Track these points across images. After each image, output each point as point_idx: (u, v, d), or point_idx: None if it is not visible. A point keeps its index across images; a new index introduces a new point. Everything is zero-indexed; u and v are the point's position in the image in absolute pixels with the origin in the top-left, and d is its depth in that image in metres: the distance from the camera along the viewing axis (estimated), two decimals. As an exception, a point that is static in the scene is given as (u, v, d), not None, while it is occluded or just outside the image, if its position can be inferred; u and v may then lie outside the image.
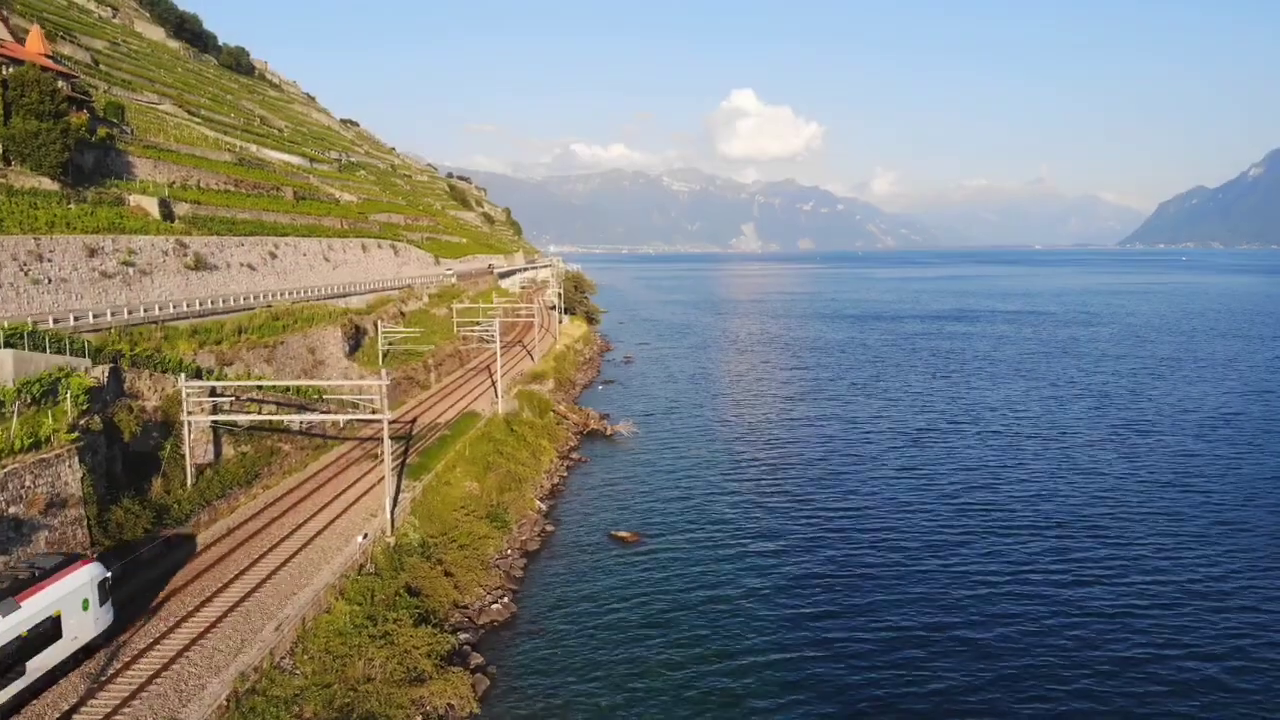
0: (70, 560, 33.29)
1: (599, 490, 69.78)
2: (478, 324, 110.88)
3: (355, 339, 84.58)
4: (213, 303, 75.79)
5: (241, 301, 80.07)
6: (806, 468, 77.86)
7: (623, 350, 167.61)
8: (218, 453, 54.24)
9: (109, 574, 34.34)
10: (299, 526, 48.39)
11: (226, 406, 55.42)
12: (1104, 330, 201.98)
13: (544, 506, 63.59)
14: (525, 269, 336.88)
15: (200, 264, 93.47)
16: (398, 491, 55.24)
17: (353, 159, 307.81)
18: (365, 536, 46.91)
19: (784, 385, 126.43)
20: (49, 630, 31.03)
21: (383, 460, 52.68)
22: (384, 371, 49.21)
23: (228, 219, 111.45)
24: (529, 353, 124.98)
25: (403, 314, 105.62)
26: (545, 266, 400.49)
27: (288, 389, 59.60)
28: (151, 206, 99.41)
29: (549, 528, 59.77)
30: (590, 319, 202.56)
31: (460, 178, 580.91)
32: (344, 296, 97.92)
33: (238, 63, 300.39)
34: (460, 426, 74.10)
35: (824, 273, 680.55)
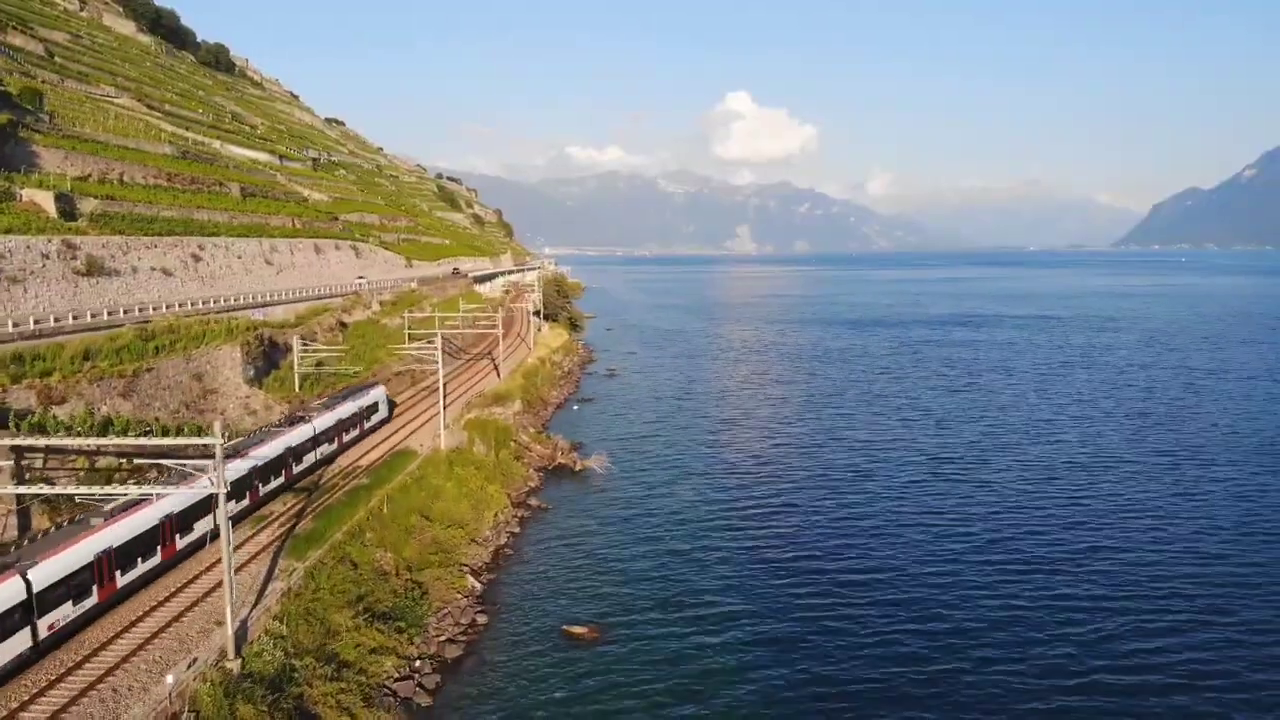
0: None
1: (555, 556, 55.23)
2: (429, 337, 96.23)
3: (268, 359, 70.07)
4: (93, 315, 61.36)
5: (122, 314, 65.37)
6: (809, 517, 63.50)
7: (607, 361, 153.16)
8: (23, 530, 39.85)
9: None
10: (98, 649, 33.71)
11: (39, 467, 41.09)
12: (1121, 336, 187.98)
13: (478, 585, 48.89)
14: (510, 272, 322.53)
15: (95, 269, 78.78)
16: (265, 582, 40.77)
17: (334, 158, 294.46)
18: (193, 663, 32.56)
19: (781, 403, 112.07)
20: None
21: (242, 538, 38.34)
22: (220, 427, 32.24)
23: (147, 217, 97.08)
24: (496, 367, 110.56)
25: (343, 325, 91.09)
26: (534, 269, 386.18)
27: (118, 428, 44.71)
28: (47, 202, 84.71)
29: (480, 618, 45.21)
30: (574, 326, 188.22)
31: (451, 179, 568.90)
32: (266, 306, 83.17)
33: (217, 60, 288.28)
34: (385, 471, 59.51)
35: (820, 275, 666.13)
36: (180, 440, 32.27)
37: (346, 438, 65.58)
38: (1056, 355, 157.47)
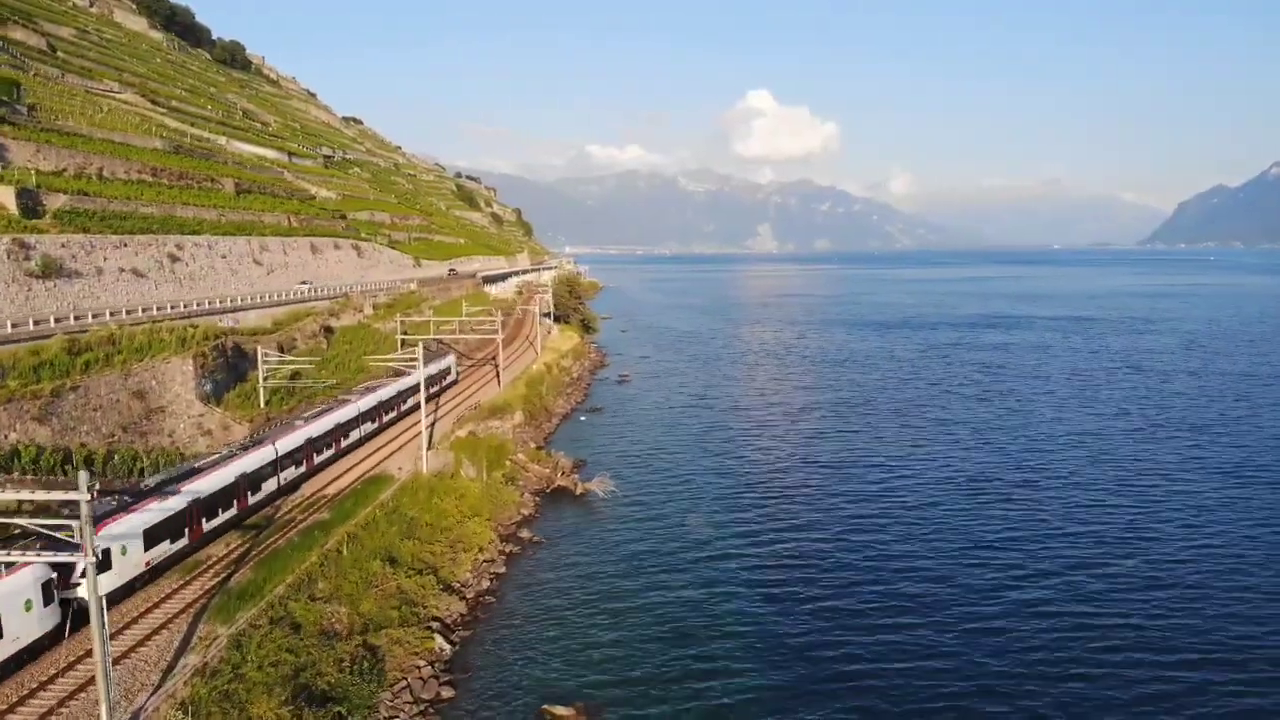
0: None
1: (544, 606, 47.45)
2: (424, 343, 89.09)
3: (232, 371, 62.88)
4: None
5: (53, 323, 58.24)
6: (841, 556, 55.54)
7: (619, 366, 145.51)
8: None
9: None
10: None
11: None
12: (1161, 339, 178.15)
13: (448, 646, 41.24)
14: (525, 271, 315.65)
15: (52, 270, 71.90)
16: (177, 656, 33.33)
17: (349, 156, 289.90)
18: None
19: (803, 414, 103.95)
20: None
21: (166, 591, 30.81)
22: (84, 480, 26.37)
23: (121, 214, 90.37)
24: (499, 374, 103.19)
25: (329, 331, 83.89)
26: (550, 269, 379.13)
27: (25, 460, 37.50)
28: (7, 197, 78.19)
29: (445, 691, 37.43)
30: (587, 327, 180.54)
31: (470, 178, 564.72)
32: (237, 310, 76.05)
33: (232, 57, 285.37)
34: (351, 503, 52.07)
35: (842, 274, 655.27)
36: (40, 495, 24.80)
37: (318, 459, 58.49)
38: (1095, 360, 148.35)
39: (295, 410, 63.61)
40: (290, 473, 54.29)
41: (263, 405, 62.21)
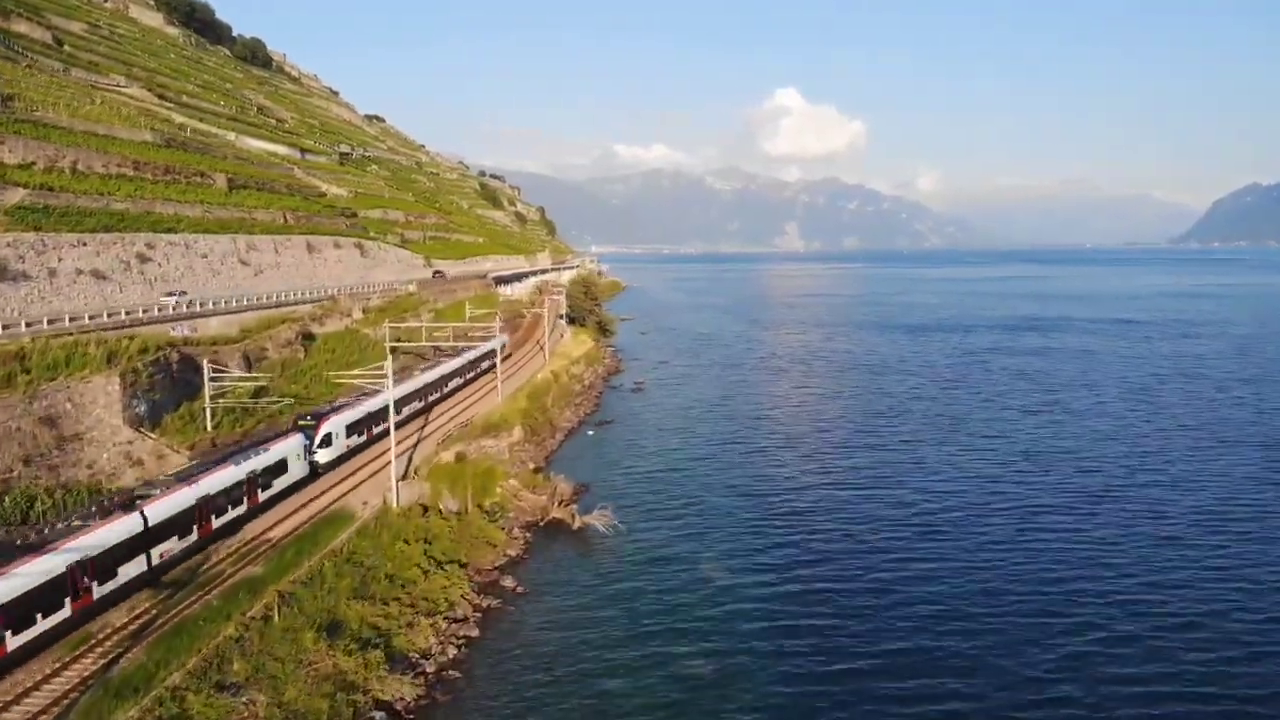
0: None
1: (516, 688, 38.53)
2: (418, 350, 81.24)
3: (177, 390, 55.00)
4: None
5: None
6: (876, 604, 46.81)
7: (635, 372, 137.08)
8: None
9: None
10: None
11: None
12: (1212, 344, 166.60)
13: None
14: (544, 271, 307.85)
15: (-2, 272, 64.88)
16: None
17: (369, 154, 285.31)
18: None
19: (832, 428, 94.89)
20: None
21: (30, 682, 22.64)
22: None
23: (86, 210, 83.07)
24: (499, 385, 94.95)
25: (308, 338, 76.01)
26: (571, 268, 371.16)
27: None
28: (-50, 193, 71.44)
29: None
30: (603, 330, 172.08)
31: (495, 176, 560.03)
32: (197, 317, 68.08)
33: (253, 54, 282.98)
34: (293, 552, 43.78)
35: (870, 273, 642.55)
36: None
37: (264, 495, 50.13)
38: (1145, 367, 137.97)
39: (252, 434, 55.59)
40: (233, 513, 46.15)
41: (209, 428, 54.25)
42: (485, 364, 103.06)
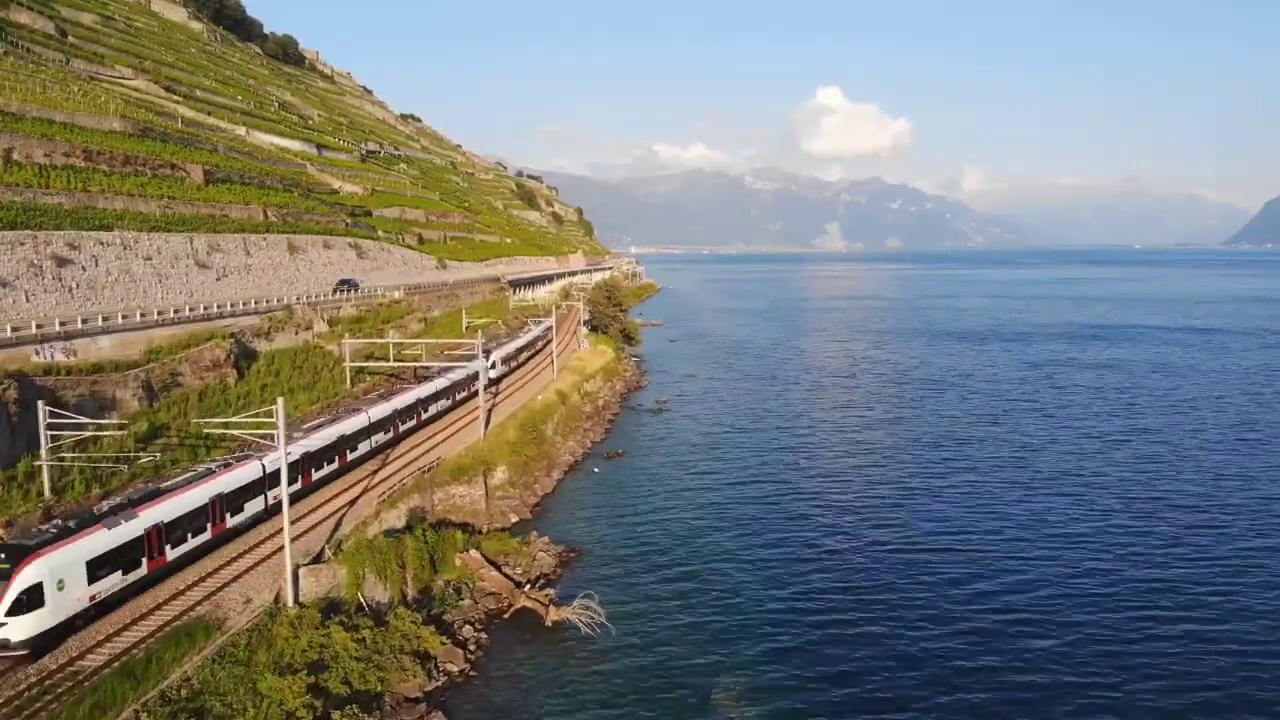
0: None
1: None
2: (385, 371, 67.40)
3: (15, 437, 41.69)
4: None
5: None
6: None
7: (658, 387, 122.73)
8: None
9: None
10: None
11: None
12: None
13: None
14: (574, 273, 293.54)
15: None
16: None
17: (401, 153, 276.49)
18: None
19: (881, 463, 79.58)
20: None
21: None
22: None
23: (4, 203, 70.80)
24: (494, 407, 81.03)
25: (247, 357, 62.62)
26: (607, 269, 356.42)
27: None
28: None
29: None
30: (628, 338, 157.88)
31: (532, 177, 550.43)
32: (73, 338, 54.27)
33: (284, 52, 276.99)
34: (107, 694, 29.97)
35: (915, 274, 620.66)
36: None
37: (105, 590, 35.96)
38: (1236, 384, 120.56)
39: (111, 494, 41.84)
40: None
41: (47, 493, 40.73)
42: (472, 387, 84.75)
